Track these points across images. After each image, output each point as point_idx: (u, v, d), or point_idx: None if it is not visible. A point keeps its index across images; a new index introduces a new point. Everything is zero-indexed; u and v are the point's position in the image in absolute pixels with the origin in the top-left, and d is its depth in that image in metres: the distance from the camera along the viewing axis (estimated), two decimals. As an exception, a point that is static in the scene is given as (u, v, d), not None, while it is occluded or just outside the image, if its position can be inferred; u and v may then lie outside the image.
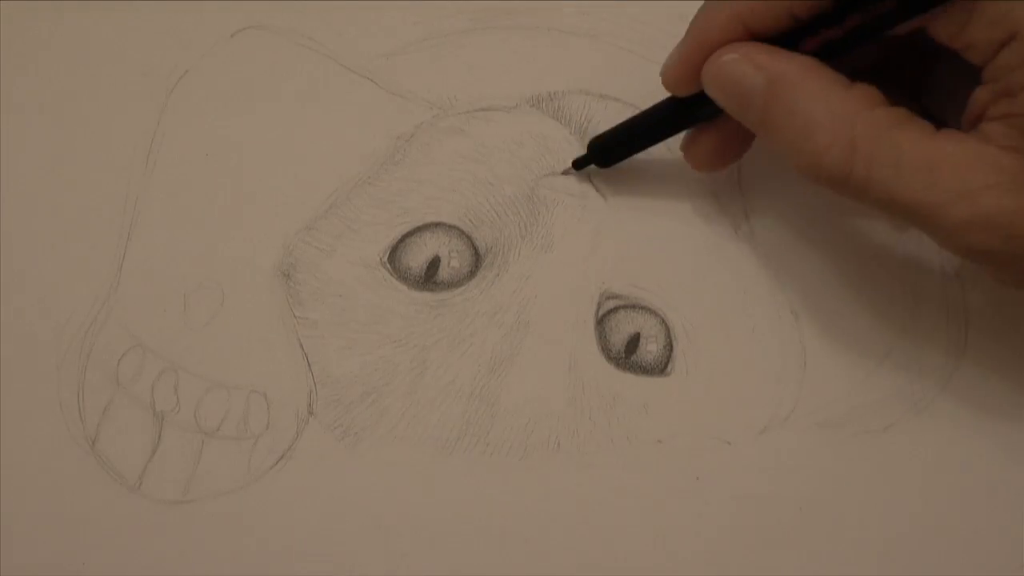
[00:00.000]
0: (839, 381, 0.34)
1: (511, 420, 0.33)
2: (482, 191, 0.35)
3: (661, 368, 0.34)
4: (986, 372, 0.34)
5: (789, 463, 0.33)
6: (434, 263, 0.35)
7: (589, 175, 0.35)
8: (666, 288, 0.35)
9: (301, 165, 0.36)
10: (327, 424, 0.33)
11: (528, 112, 0.36)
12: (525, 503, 0.33)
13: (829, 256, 0.35)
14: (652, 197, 0.35)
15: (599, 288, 0.35)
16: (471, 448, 0.33)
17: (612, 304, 0.34)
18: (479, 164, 0.36)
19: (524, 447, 0.33)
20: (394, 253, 0.35)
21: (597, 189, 0.35)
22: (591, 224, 0.35)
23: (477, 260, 0.35)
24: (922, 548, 0.33)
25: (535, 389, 0.34)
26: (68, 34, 0.37)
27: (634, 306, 0.34)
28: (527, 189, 0.35)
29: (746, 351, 0.34)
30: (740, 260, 0.35)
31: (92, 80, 0.37)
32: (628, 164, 0.35)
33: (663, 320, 0.34)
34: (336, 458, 0.33)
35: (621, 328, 0.34)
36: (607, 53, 0.37)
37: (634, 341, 0.34)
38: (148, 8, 0.37)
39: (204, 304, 0.34)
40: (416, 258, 0.35)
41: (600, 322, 0.34)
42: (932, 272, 0.35)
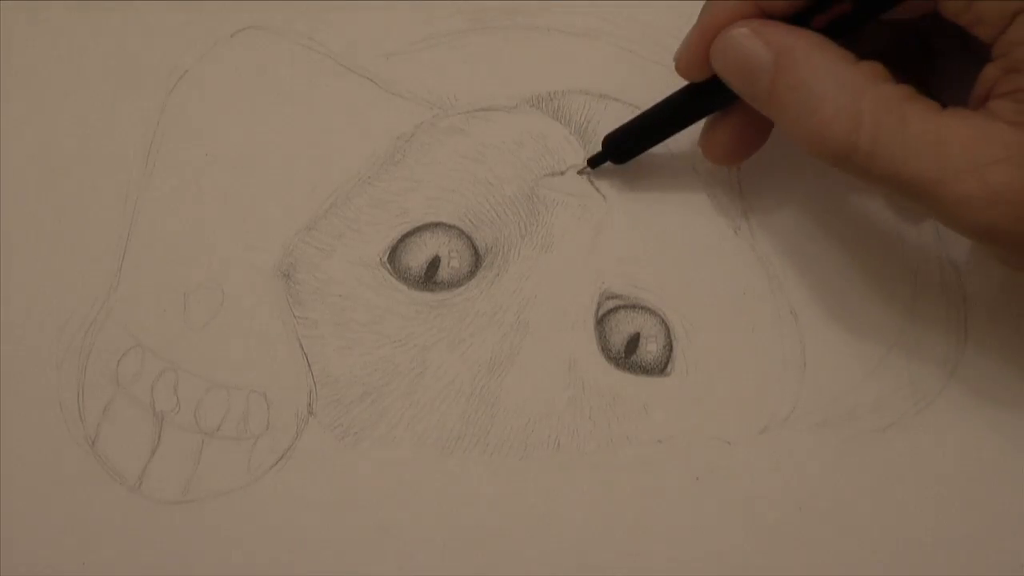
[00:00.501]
0: (839, 381, 0.34)
1: (511, 420, 0.33)
2: (482, 191, 0.35)
3: (661, 368, 0.34)
4: (986, 371, 0.34)
5: (789, 463, 0.33)
6: (434, 263, 0.35)
7: (588, 174, 0.35)
8: (666, 288, 0.35)
9: (301, 165, 0.36)
10: (327, 424, 0.33)
11: (528, 112, 0.36)
12: (525, 503, 0.33)
13: (829, 256, 0.35)
14: (652, 197, 0.35)
15: (599, 288, 0.35)
16: (471, 448, 0.33)
17: (612, 304, 0.34)
18: (479, 164, 0.36)
19: (524, 447, 0.33)
20: (394, 253, 0.35)
21: (597, 189, 0.35)
22: (591, 224, 0.35)
23: (477, 260, 0.35)
24: (922, 548, 0.33)
25: (535, 389, 0.34)
26: (68, 34, 0.37)
27: (634, 306, 0.34)
28: (527, 189, 0.35)
29: (746, 351, 0.34)
30: (740, 260, 0.35)
31: (92, 80, 0.37)
32: (628, 163, 0.35)
33: (663, 320, 0.34)
34: (336, 458, 0.33)
35: (621, 328, 0.34)
36: (607, 53, 0.37)
37: (634, 341, 0.34)
38: (148, 8, 0.37)
39: (204, 304, 0.34)
40: (416, 258, 0.35)
41: (600, 322, 0.34)
42: (931, 272, 0.35)
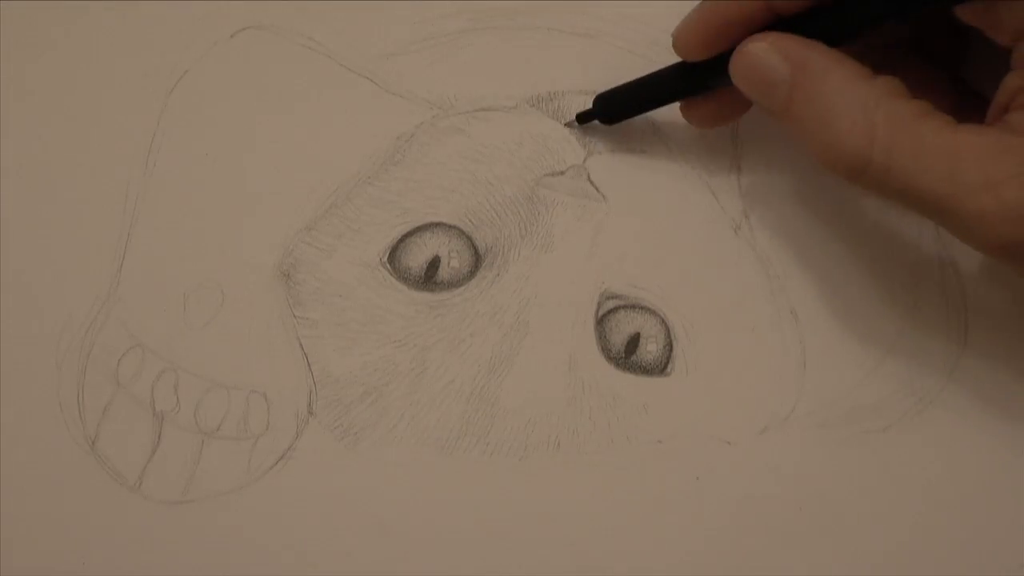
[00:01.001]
0: (839, 381, 0.34)
1: (511, 420, 0.33)
2: (482, 191, 0.35)
3: (661, 368, 0.34)
4: (985, 372, 0.34)
5: (789, 463, 0.33)
6: (434, 263, 0.35)
7: (587, 173, 0.35)
8: (666, 288, 0.35)
9: (301, 165, 0.36)
10: (327, 424, 0.33)
11: (528, 112, 0.36)
12: (525, 503, 0.33)
13: (829, 256, 0.35)
14: (652, 197, 0.35)
15: (599, 288, 0.35)
16: (471, 448, 0.33)
17: (612, 304, 0.34)
18: (479, 164, 0.36)
19: (524, 447, 0.33)
20: (394, 253, 0.35)
21: (597, 189, 0.35)
22: (591, 224, 0.35)
23: (477, 260, 0.35)
24: (922, 548, 0.33)
25: (535, 389, 0.34)
26: (68, 34, 0.37)
27: (634, 306, 0.34)
28: (527, 189, 0.35)
29: (746, 351, 0.34)
30: (740, 260, 0.35)
31: (92, 80, 0.37)
32: (628, 163, 0.35)
33: (663, 320, 0.34)
34: (336, 458, 0.33)
35: (621, 328, 0.34)
36: (607, 53, 0.37)
37: (634, 341, 0.34)
38: (148, 8, 0.37)
39: (204, 304, 0.34)
40: (416, 258, 0.35)
41: (600, 322, 0.34)
42: (932, 272, 0.35)
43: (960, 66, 0.33)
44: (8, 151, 0.36)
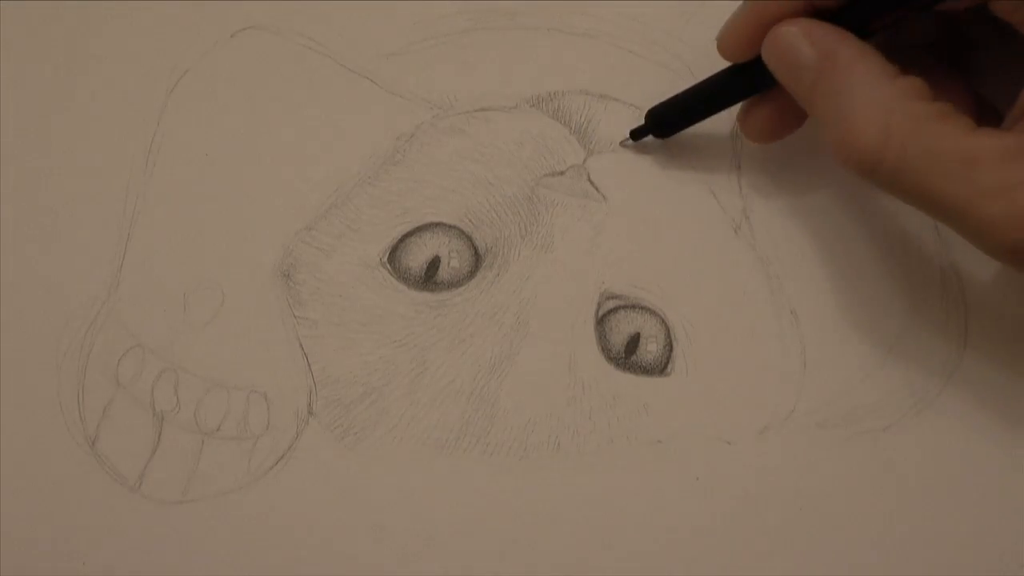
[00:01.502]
0: (839, 381, 0.34)
1: (511, 420, 0.33)
2: (482, 191, 0.35)
3: (661, 368, 0.34)
4: (986, 372, 0.34)
5: (789, 463, 0.33)
6: (434, 263, 0.35)
7: (587, 173, 0.35)
8: (666, 288, 0.35)
9: (301, 165, 0.36)
10: (327, 424, 0.33)
11: (528, 112, 0.36)
12: (525, 503, 0.33)
13: (829, 256, 0.35)
14: (652, 197, 0.35)
15: (599, 288, 0.35)
16: (471, 448, 0.33)
17: (612, 304, 0.34)
18: (479, 164, 0.36)
19: (524, 447, 0.33)
20: (394, 253, 0.35)
21: (597, 189, 0.35)
22: (591, 224, 0.35)
23: (477, 260, 0.35)
24: (922, 548, 0.33)
25: (535, 389, 0.34)
26: (68, 34, 0.37)
27: (634, 306, 0.34)
28: (527, 189, 0.35)
29: (746, 351, 0.34)
30: (740, 260, 0.35)
31: (92, 80, 0.37)
32: (628, 163, 0.35)
33: (663, 320, 0.34)
34: (336, 458, 0.33)
35: (621, 328, 0.34)
36: (607, 53, 0.37)
37: (634, 341, 0.34)
38: (148, 8, 0.37)
39: (204, 304, 0.34)
40: (416, 258, 0.35)
41: (600, 322, 0.34)
42: (932, 273, 0.35)
43: (975, 76, 0.33)
44: (8, 151, 0.36)
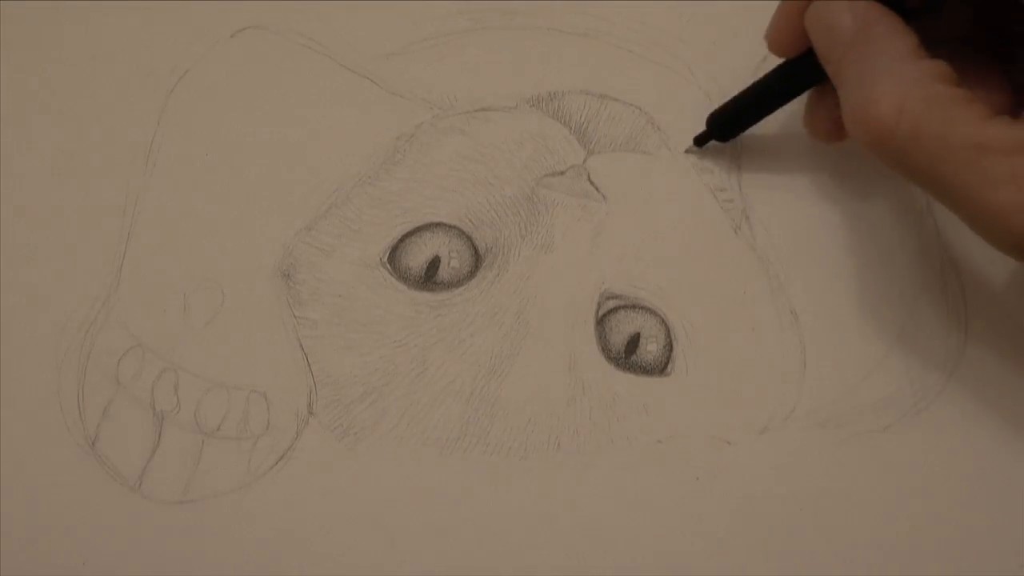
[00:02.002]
0: (839, 381, 0.34)
1: (511, 420, 0.33)
2: (482, 191, 0.35)
3: (661, 368, 0.34)
4: (986, 372, 0.34)
5: (789, 463, 0.33)
6: (434, 263, 0.35)
7: (587, 173, 0.35)
8: (666, 288, 0.35)
9: (301, 165, 0.36)
10: (327, 424, 0.33)
11: (528, 112, 0.36)
12: (525, 503, 0.33)
13: (829, 256, 0.35)
14: (652, 197, 0.35)
15: (599, 288, 0.35)
16: (471, 448, 0.33)
17: (612, 304, 0.34)
18: (479, 164, 0.36)
19: (524, 447, 0.33)
20: (394, 253, 0.35)
21: (597, 189, 0.35)
22: (591, 224, 0.35)
23: (477, 260, 0.35)
24: (922, 548, 0.33)
25: (535, 389, 0.34)
26: (68, 34, 0.37)
27: (634, 306, 0.34)
28: (527, 189, 0.35)
29: (746, 351, 0.34)
30: (740, 260, 0.35)
31: (92, 80, 0.37)
32: (628, 163, 0.35)
33: (663, 320, 0.34)
34: (336, 458, 0.33)
35: (621, 328, 0.34)
36: (607, 53, 0.37)
37: (634, 341, 0.34)
38: (148, 8, 0.37)
39: (204, 304, 0.34)
40: (416, 258, 0.35)
41: (600, 322, 0.34)
42: (932, 272, 0.35)
43: (1013, 67, 0.32)
44: (8, 151, 0.36)
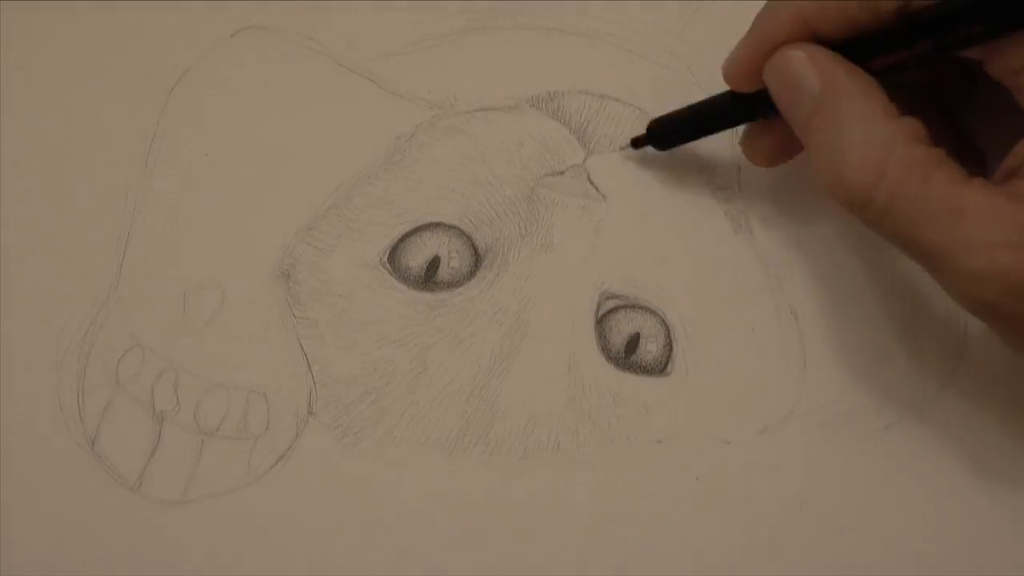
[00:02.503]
0: (839, 381, 0.34)
1: (511, 420, 0.33)
2: (482, 191, 0.35)
3: (661, 368, 0.34)
4: (986, 372, 0.34)
5: (789, 463, 0.33)
6: (434, 263, 0.35)
7: (587, 173, 0.35)
8: (666, 288, 0.35)
9: (301, 165, 0.36)
10: (327, 424, 0.33)
11: (528, 112, 0.36)
12: (525, 503, 0.33)
13: (829, 256, 0.35)
14: (652, 197, 0.35)
15: (599, 288, 0.35)
16: (471, 448, 0.33)
17: (612, 304, 0.34)
18: (479, 164, 0.36)
19: (524, 447, 0.33)
20: (394, 253, 0.35)
21: (597, 189, 0.35)
22: (591, 224, 0.35)
23: (477, 260, 0.35)
24: (922, 548, 0.33)
25: (535, 389, 0.34)
26: (68, 34, 0.37)
27: (634, 306, 0.34)
28: (527, 189, 0.35)
29: (746, 351, 0.34)
30: (740, 260, 0.35)
31: (92, 80, 0.37)
32: (628, 163, 0.35)
33: (663, 320, 0.34)
34: (336, 458, 0.33)
35: (621, 328, 0.34)
36: (607, 53, 0.37)
37: (634, 341, 0.34)
38: (148, 8, 0.37)
39: (204, 304, 0.34)
40: (416, 258, 0.35)
41: (600, 322, 0.34)
42: (932, 272, 0.35)
43: (963, 117, 0.33)
44: (8, 151, 0.36)
